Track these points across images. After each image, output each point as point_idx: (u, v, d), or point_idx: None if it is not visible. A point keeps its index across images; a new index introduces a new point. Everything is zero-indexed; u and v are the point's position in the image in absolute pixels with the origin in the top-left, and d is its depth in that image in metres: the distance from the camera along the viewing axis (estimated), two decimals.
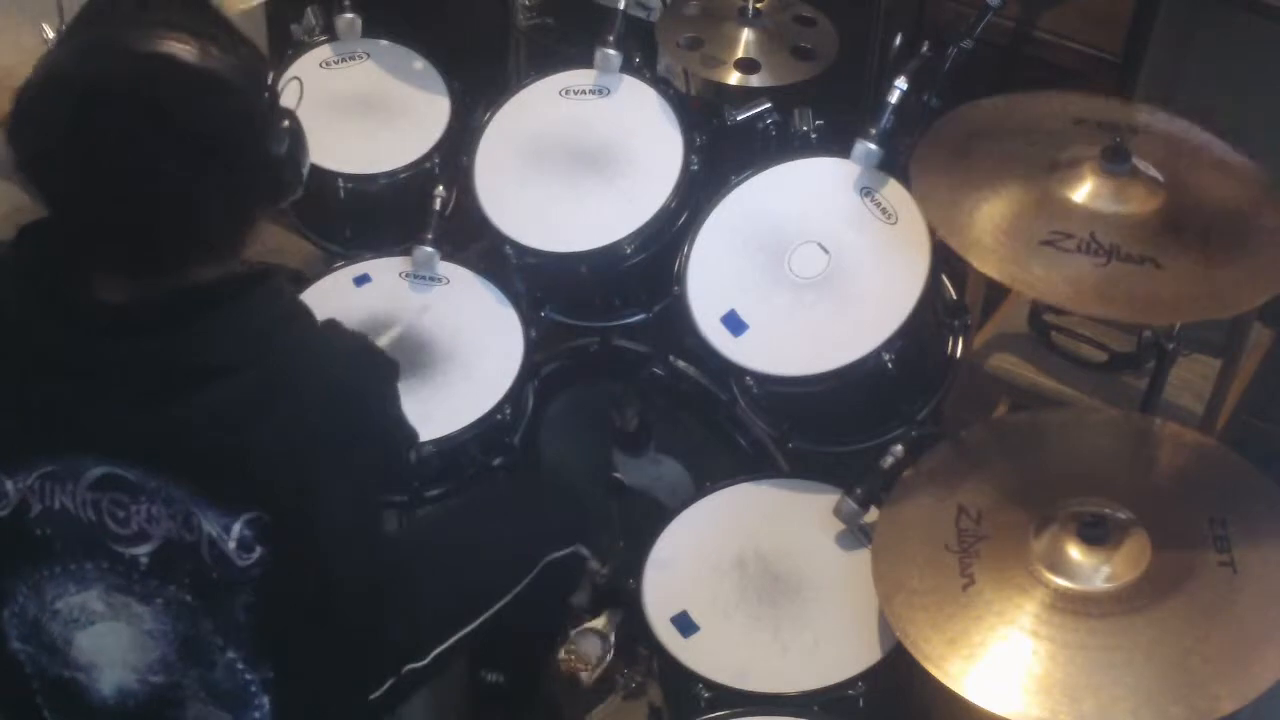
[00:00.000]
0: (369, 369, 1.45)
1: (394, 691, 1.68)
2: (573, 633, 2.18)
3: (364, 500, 1.42)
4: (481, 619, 1.76)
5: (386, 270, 2.23)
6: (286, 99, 1.41)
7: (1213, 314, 1.67)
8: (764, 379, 1.95)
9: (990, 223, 1.75)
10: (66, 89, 1.28)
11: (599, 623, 2.17)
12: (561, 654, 2.15)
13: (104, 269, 1.34)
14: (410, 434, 1.56)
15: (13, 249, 1.37)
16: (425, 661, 1.70)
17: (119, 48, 1.29)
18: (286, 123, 1.38)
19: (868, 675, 1.77)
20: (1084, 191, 1.76)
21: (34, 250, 1.36)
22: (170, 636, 1.41)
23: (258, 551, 1.36)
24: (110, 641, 1.43)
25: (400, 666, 1.68)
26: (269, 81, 1.36)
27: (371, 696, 1.66)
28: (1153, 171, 1.77)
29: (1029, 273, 1.69)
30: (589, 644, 2.18)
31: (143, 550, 1.37)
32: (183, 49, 1.28)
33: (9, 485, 1.38)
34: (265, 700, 1.44)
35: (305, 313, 1.44)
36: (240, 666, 1.42)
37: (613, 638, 2.17)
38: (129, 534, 1.37)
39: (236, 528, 1.35)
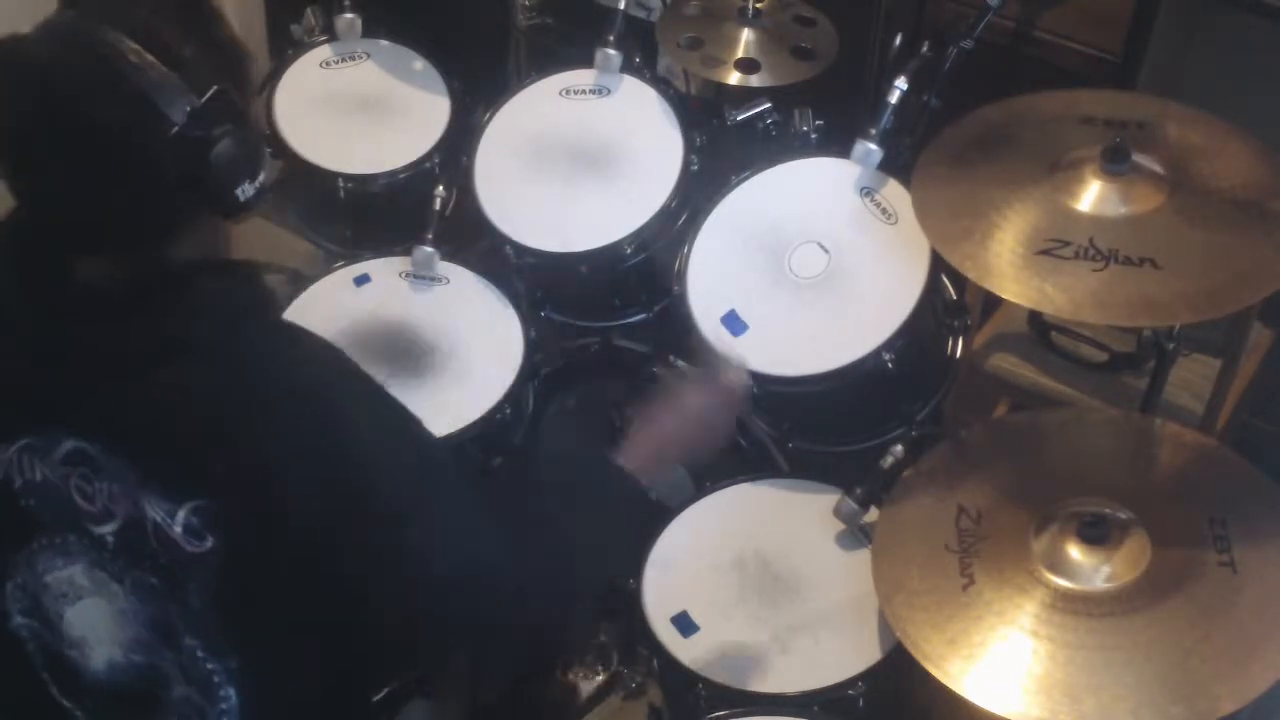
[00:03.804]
0: (334, 371, 1.42)
1: (394, 693, 1.68)
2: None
3: (333, 500, 1.38)
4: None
5: (386, 270, 2.23)
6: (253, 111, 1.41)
7: (1209, 314, 1.66)
8: (764, 379, 1.95)
9: (988, 236, 1.75)
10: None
11: (601, 637, 2.18)
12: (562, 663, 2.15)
13: (62, 248, 1.35)
14: (398, 447, 1.47)
15: None
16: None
17: (55, 34, 1.30)
18: (221, 135, 1.32)
19: (868, 675, 1.77)
20: (1084, 196, 1.76)
21: (12, 229, 1.37)
22: (141, 617, 1.41)
23: (209, 540, 1.35)
24: (96, 617, 1.43)
25: (400, 670, 1.67)
26: (205, 93, 1.31)
27: (373, 699, 1.65)
28: (1155, 167, 1.76)
29: (1025, 285, 1.69)
30: (591, 657, 2.18)
31: (108, 529, 1.37)
32: (115, 46, 1.27)
33: None
34: (231, 691, 1.43)
35: (276, 308, 1.44)
36: (200, 655, 1.41)
37: (615, 654, 2.17)
38: (95, 511, 1.37)
39: (182, 514, 1.34)
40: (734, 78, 2.24)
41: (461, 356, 2.12)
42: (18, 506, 1.40)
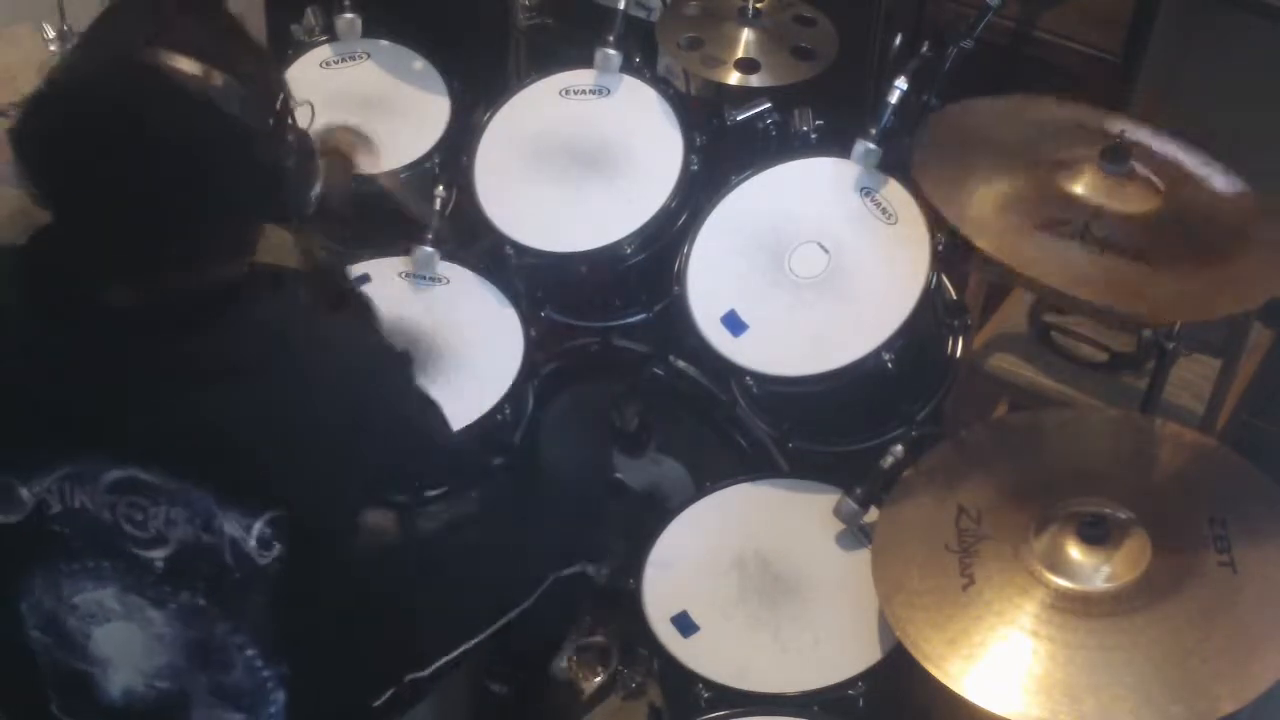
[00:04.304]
0: (384, 366, 1.45)
1: (395, 700, 1.68)
2: (577, 644, 2.18)
3: (372, 494, 1.43)
4: (487, 633, 1.75)
5: (386, 270, 2.23)
6: (300, 117, 1.41)
7: (1200, 315, 1.67)
8: (764, 379, 1.95)
9: (989, 202, 1.74)
10: (62, 96, 1.30)
11: (600, 637, 2.18)
12: (564, 663, 2.15)
13: (101, 274, 1.34)
14: (430, 431, 1.56)
15: (24, 252, 1.37)
16: (427, 672, 1.70)
17: (118, 60, 1.30)
18: (292, 145, 1.37)
19: (868, 675, 1.77)
20: (1083, 185, 1.76)
21: (44, 253, 1.36)
22: (180, 641, 1.42)
23: (276, 548, 1.36)
24: (125, 641, 1.44)
25: (402, 675, 1.68)
26: (276, 106, 1.35)
27: (374, 704, 1.66)
28: (1152, 176, 1.77)
29: (1023, 252, 1.68)
30: (591, 657, 2.19)
31: (159, 554, 1.38)
32: (181, 68, 1.28)
33: (24, 491, 1.38)
34: (281, 695, 1.45)
35: (315, 316, 1.45)
36: (259, 664, 1.43)
37: (615, 652, 2.17)
38: (147, 537, 1.38)
39: (258, 527, 1.35)
40: (734, 78, 2.24)
41: (461, 356, 2.12)
42: (49, 533, 1.40)
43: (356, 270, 2.24)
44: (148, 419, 1.33)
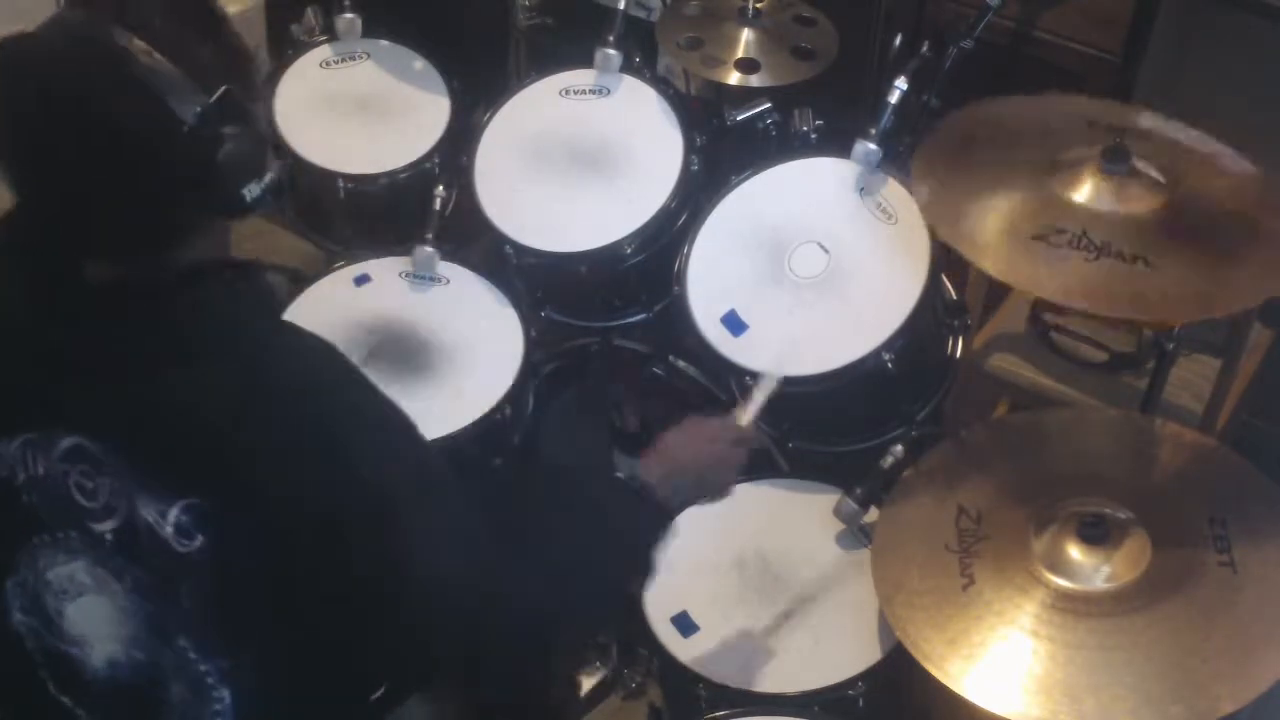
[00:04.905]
0: (331, 374, 1.42)
1: (390, 692, 1.67)
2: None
3: (327, 502, 1.38)
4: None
5: (386, 270, 2.23)
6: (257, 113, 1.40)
7: (1199, 315, 1.67)
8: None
9: (983, 216, 1.74)
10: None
11: (600, 637, 2.18)
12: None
13: (53, 247, 1.35)
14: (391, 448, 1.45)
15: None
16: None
17: (55, 28, 1.30)
18: (226, 138, 1.32)
19: (868, 675, 1.77)
20: (1082, 190, 1.75)
21: (11, 227, 1.38)
22: (141, 615, 1.41)
23: (199, 539, 1.35)
24: (96, 614, 1.43)
25: (391, 671, 1.67)
26: (213, 96, 1.31)
27: (371, 698, 1.65)
28: (1153, 173, 1.77)
29: (1017, 267, 1.69)
30: (591, 657, 2.19)
31: (107, 526, 1.37)
32: (127, 46, 1.27)
33: (2, 447, 1.39)
34: (226, 692, 1.42)
35: (278, 308, 1.44)
36: (193, 656, 1.41)
37: (615, 652, 2.17)
38: (96, 508, 1.37)
39: (173, 514, 1.34)
40: (734, 78, 2.24)
41: (461, 356, 2.12)
42: (20, 503, 1.40)
43: (356, 270, 2.24)
44: (97, 392, 1.34)
